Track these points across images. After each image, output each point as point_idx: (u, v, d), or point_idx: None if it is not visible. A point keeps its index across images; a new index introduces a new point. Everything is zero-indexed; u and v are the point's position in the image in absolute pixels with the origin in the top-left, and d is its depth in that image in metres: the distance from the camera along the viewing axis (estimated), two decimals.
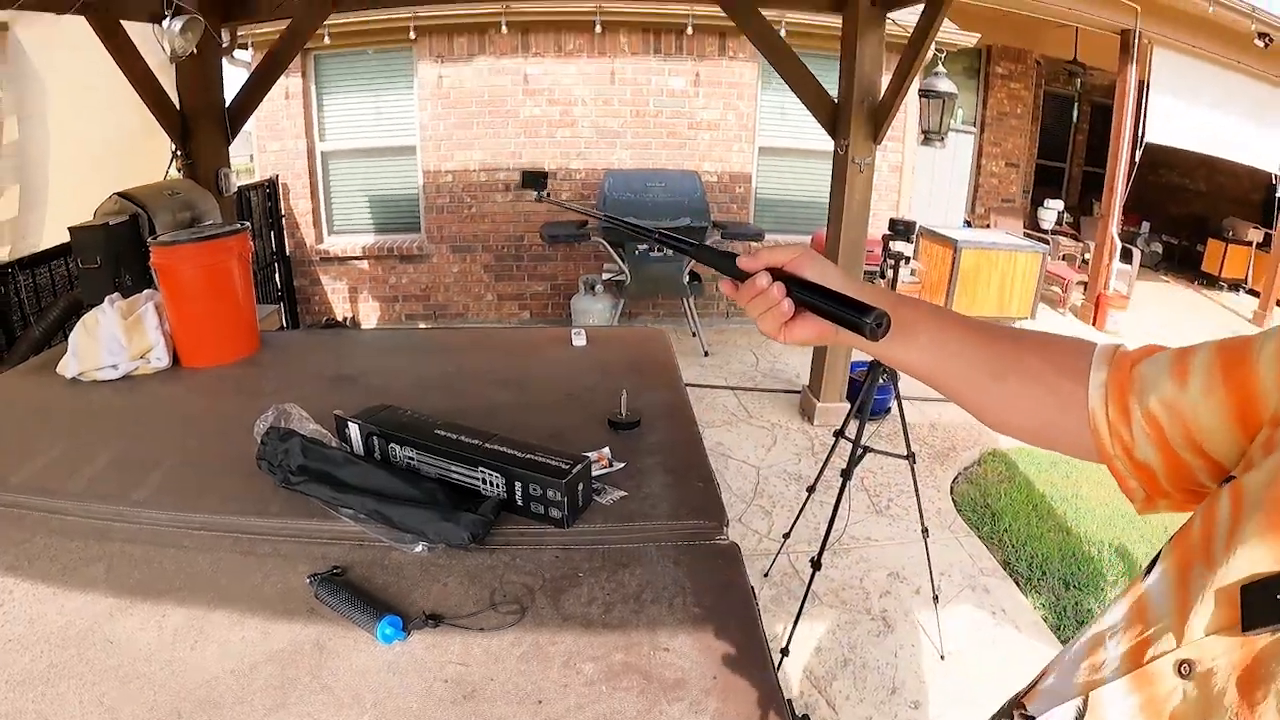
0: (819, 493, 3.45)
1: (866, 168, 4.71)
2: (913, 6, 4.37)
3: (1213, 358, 0.68)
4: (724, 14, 4.76)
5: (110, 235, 3.28)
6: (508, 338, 2.66)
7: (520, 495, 1.39)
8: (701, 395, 5.60)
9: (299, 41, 4.84)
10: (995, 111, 10.66)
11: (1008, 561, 3.79)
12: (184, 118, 4.50)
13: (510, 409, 1.92)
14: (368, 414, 1.58)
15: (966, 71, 10.37)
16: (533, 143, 7.43)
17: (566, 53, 7.25)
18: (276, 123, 7.38)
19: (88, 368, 2.15)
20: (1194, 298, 10.87)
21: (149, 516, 1.45)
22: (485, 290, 7.82)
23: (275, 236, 7.24)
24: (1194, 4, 7.44)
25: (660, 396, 1.98)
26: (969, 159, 10.80)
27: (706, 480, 1.56)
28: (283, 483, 1.46)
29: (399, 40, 7.09)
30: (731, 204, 7.71)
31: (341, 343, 2.88)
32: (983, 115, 10.71)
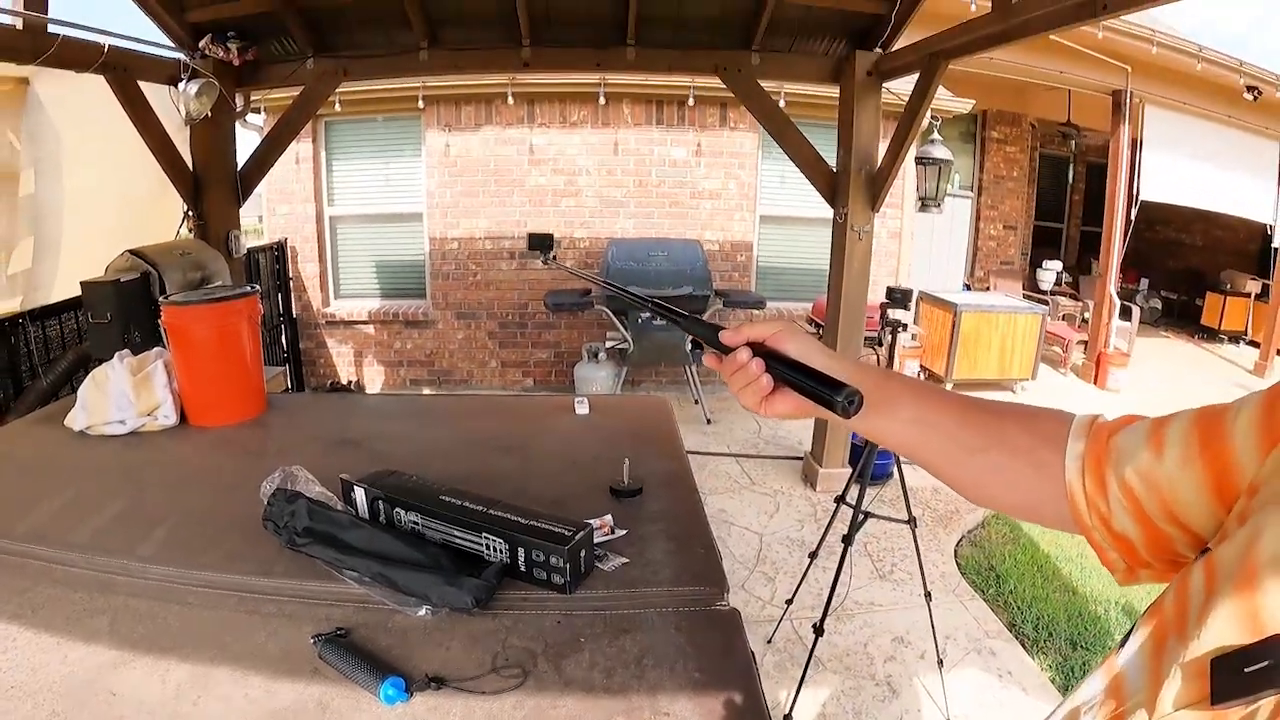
0: (821, 558, 3.44)
1: (865, 235, 4.79)
2: (907, 76, 4.49)
3: (1189, 428, 0.69)
4: (725, 86, 4.89)
5: (121, 292, 3.34)
6: (511, 405, 2.69)
7: (523, 561, 1.40)
8: (704, 462, 5.59)
9: (310, 108, 4.97)
10: (992, 175, 10.84)
11: (1013, 623, 3.75)
12: (196, 179, 4.61)
13: (513, 476, 1.93)
14: (373, 478, 1.60)
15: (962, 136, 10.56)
16: (537, 211, 7.54)
17: (571, 123, 7.40)
18: (287, 186, 7.51)
19: (96, 422, 2.18)
20: (1195, 352, 10.91)
21: (154, 571, 1.46)
22: (489, 357, 7.87)
23: (283, 299, 7.32)
24: (1182, 61, 7.62)
25: (662, 464, 2.00)
26: (967, 223, 10.94)
27: (708, 547, 1.57)
28: (288, 544, 1.48)
29: (408, 109, 7.25)
30: (733, 272, 7.79)
31: (347, 406, 2.91)
32: (979, 179, 10.88)
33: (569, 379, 7.52)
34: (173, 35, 4.41)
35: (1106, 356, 8.29)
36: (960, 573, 4.21)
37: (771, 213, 7.85)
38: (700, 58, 4.84)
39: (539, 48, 4.75)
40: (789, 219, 7.87)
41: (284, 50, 4.79)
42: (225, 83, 4.54)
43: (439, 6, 4.51)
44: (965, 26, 3.68)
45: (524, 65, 4.79)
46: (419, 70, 4.90)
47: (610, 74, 6.69)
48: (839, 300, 4.90)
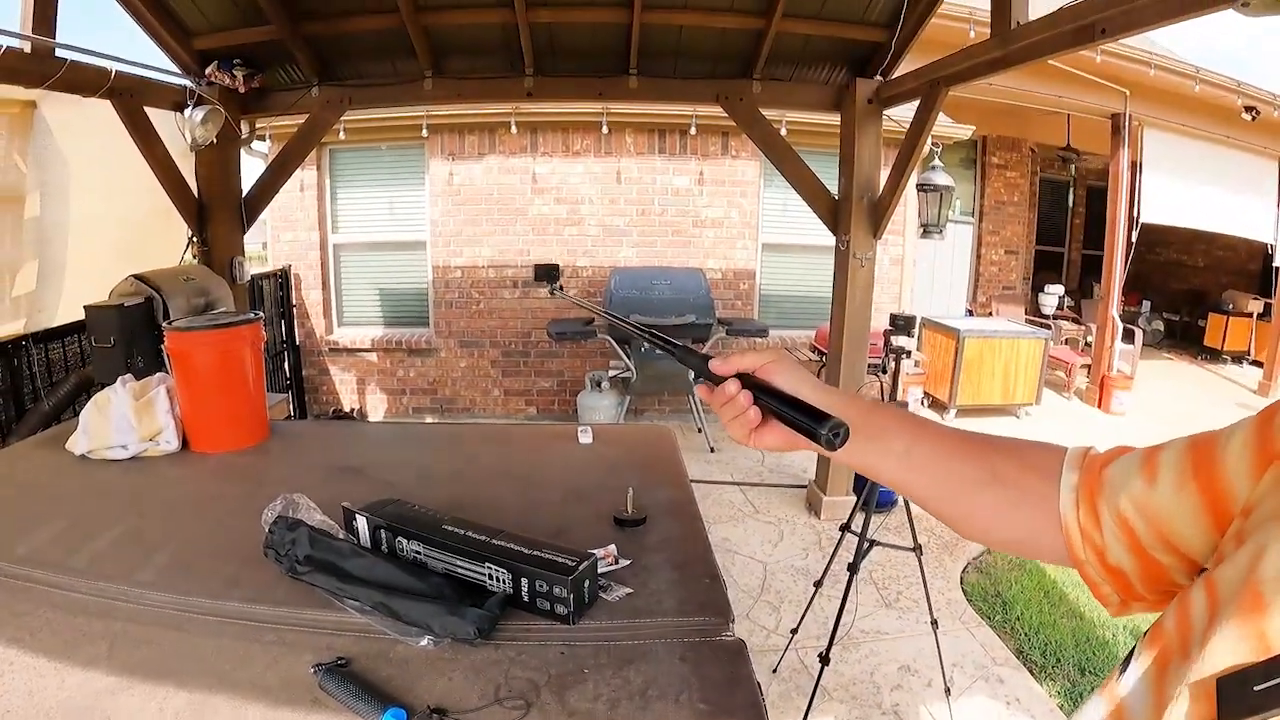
0: (826, 587, 3.42)
1: (868, 262, 4.80)
2: (908, 103, 4.52)
3: (1182, 455, 0.69)
4: (726, 115, 4.93)
5: (125, 316, 3.36)
6: (514, 434, 2.68)
7: (526, 591, 1.38)
8: (708, 491, 5.57)
9: (315, 136, 5.01)
10: (993, 201, 10.89)
11: (1021, 650, 3.72)
12: (201, 205, 4.64)
13: (516, 505, 1.92)
14: (376, 507, 1.59)
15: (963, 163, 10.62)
16: (540, 240, 7.58)
17: (574, 152, 7.46)
18: (291, 214, 7.56)
19: (97, 446, 2.17)
20: (1198, 373, 10.91)
21: (153, 597, 1.44)
22: (492, 386, 7.87)
23: (286, 326, 7.34)
24: (1180, 83, 7.67)
25: (666, 493, 1.98)
26: (969, 248, 10.98)
27: (712, 577, 1.56)
28: (289, 572, 1.47)
29: (412, 137, 7.31)
30: (736, 300, 7.81)
31: (349, 434, 2.90)
32: (981, 205, 10.93)
33: (572, 408, 7.52)
34: (179, 62, 4.46)
35: (1110, 380, 8.28)
36: (967, 599, 4.18)
37: (774, 241, 7.88)
38: (702, 86, 4.88)
39: (542, 77, 4.79)
40: (791, 247, 7.90)
41: (289, 78, 4.84)
42: (231, 110, 4.58)
43: (443, 36, 4.55)
44: (965, 53, 3.71)
45: (527, 94, 4.83)
46: (423, 99, 4.94)
47: (612, 103, 6.74)
48: (842, 328, 4.90)
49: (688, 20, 4.39)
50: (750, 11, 4.33)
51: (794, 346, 7.70)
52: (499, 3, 4.23)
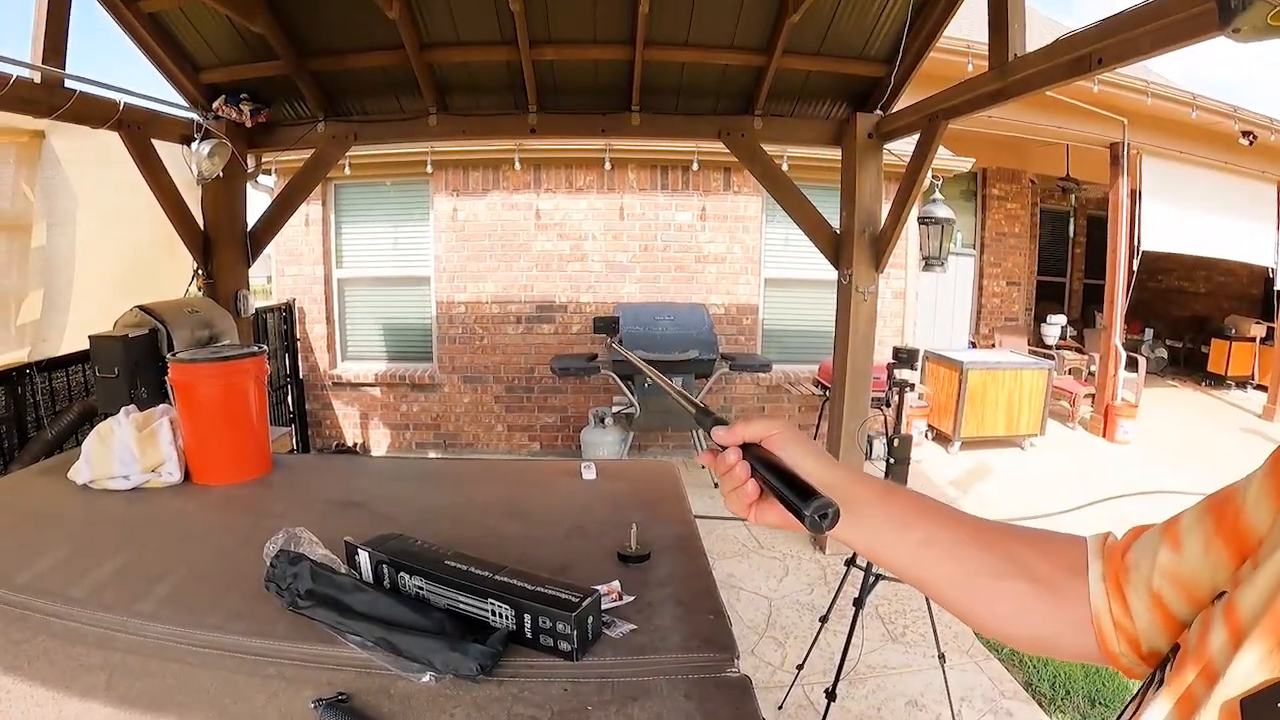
0: (832, 622, 3.38)
1: (870, 296, 4.81)
2: (908, 137, 4.56)
3: (1202, 514, 0.68)
4: (728, 150, 4.97)
5: (129, 347, 3.37)
6: (517, 469, 2.67)
7: (529, 627, 1.37)
8: (712, 527, 5.53)
9: (321, 171, 5.05)
10: (994, 232, 10.94)
11: (1030, 682, 3.67)
12: (207, 238, 4.68)
13: (520, 541, 1.91)
14: (378, 542, 1.58)
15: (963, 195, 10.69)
16: (544, 276, 7.61)
17: (577, 188, 7.51)
18: (296, 248, 7.60)
19: (99, 476, 2.17)
20: (1203, 399, 10.90)
21: (153, 629, 1.44)
22: (496, 421, 7.85)
23: (289, 359, 7.35)
24: (1178, 111, 7.74)
25: (670, 529, 1.98)
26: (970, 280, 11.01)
27: (717, 613, 1.55)
28: (290, 606, 1.46)
29: (416, 173, 7.36)
30: (739, 335, 7.81)
31: (352, 468, 2.90)
32: (982, 237, 10.98)
33: (575, 443, 7.50)
34: (187, 95, 4.51)
35: (1114, 408, 8.27)
36: (974, 632, 4.13)
37: (776, 275, 7.90)
38: (704, 123, 4.92)
39: (545, 114, 4.84)
40: (793, 281, 7.92)
41: (296, 113, 4.89)
42: (237, 143, 4.63)
43: (448, 73, 4.61)
44: (964, 86, 3.74)
45: (530, 131, 4.88)
46: (428, 135, 4.99)
47: (615, 139, 6.80)
48: (845, 361, 4.91)
49: (689, 57, 4.44)
50: (751, 48, 4.38)
51: (797, 381, 7.69)
52: (503, 40, 4.28)
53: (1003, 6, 3.33)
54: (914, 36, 4.24)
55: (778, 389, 7.80)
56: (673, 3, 4.05)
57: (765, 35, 4.28)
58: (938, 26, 4.15)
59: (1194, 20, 2.30)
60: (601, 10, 4.13)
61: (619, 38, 4.29)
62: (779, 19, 4.10)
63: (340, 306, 7.85)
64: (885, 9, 4.14)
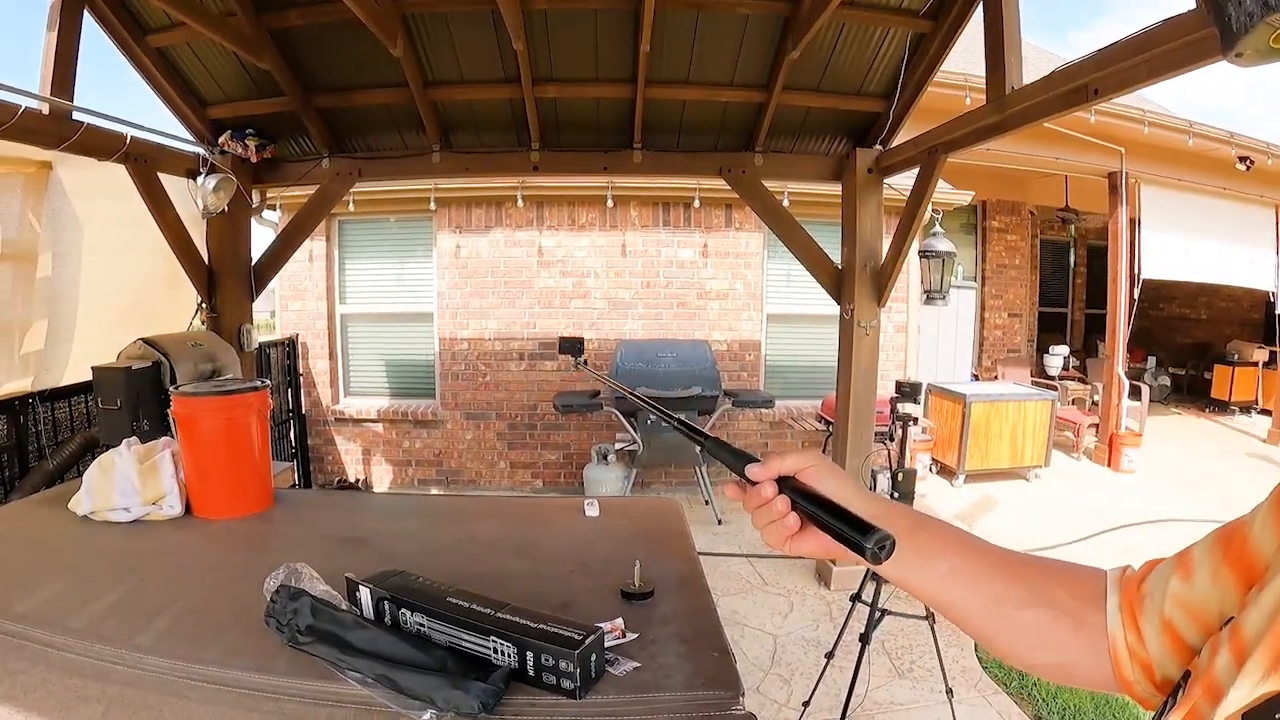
0: (838, 658, 3.35)
1: (872, 330, 4.81)
2: (908, 171, 4.59)
3: (1212, 544, 0.71)
4: (729, 187, 5.00)
5: (132, 379, 3.38)
6: (520, 506, 2.66)
7: (532, 665, 1.35)
8: (715, 564, 5.49)
9: (325, 207, 5.10)
10: (994, 264, 10.97)
11: (1039, 716, 3.62)
12: (211, 272, 4.70)
13: (522, 578, 1.90)
14: (380, 578, 1.57)
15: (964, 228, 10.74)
16: (547, 313, 7.62)
17: (579, 226, 7.55)
18: (299, 283, 7.63)
19: (100, 507, 2.17)
20: (1207, 426, 10.88)
21: (151, 662, 1.42)
22: (498, 458, 7.83)
23: (292, 394, 7.36)
24: (1174, 138, 7.79)
25: (673, 566, 1.96)
26: (972, 313, 11.02)
27: (721, 650, 1.53)
28: (290, 641, 1.44)
29: (420, 210, 7.41)
30: (741, 371, 7.80)
31: (354, 504, 2.88)
32: (983, 269, 11.01)
33: (578, 480, 7.47)
34: (193, 130, 4.56)
35: (1119, 438, 8.24)
36: (982, 667, 4.08)
37: (778, 311, 7.91)
38: (705, 160, 4.96)
39: (548, 151, 4.89)
40: (795, 317, 7.93)
41: (301, 149, 4.94)
42: (242, 179, 4.67)
43: (452, 111, 4.66)
44: (962, 120, 3.77)
45: (533, 168, 4.92)
46: (431, 172, 5.04)
47: (617, 177, 6.85)
48: (848, 396, 4.90)
49: (690, 95, 4.49)
50: (751, 85, 4.43)
51: (800, 416, 7.67)
52: (506, 79, 4.34)
53: (999, 40, 3.37)
54: (912, 71, 4.30)
55: (781, 425, 7.78)
56: (673, 41, 4.10)
57: (765, 72, 4.33)
58: (935, 61, 4.20)
59: (1188, 48, 2.32)
60: (603, 49, 4.18)
61: (621, 76, 4.34)
62: (778, 56, 4.15)
63: (343, 342, 7.87)
64: (883, 45, 4.20)
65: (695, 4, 3.87)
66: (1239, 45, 0.64)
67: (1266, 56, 0.64)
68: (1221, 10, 0.63)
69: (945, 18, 3.96)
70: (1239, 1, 0.61)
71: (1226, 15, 0.63)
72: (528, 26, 3.92)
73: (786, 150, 4.99)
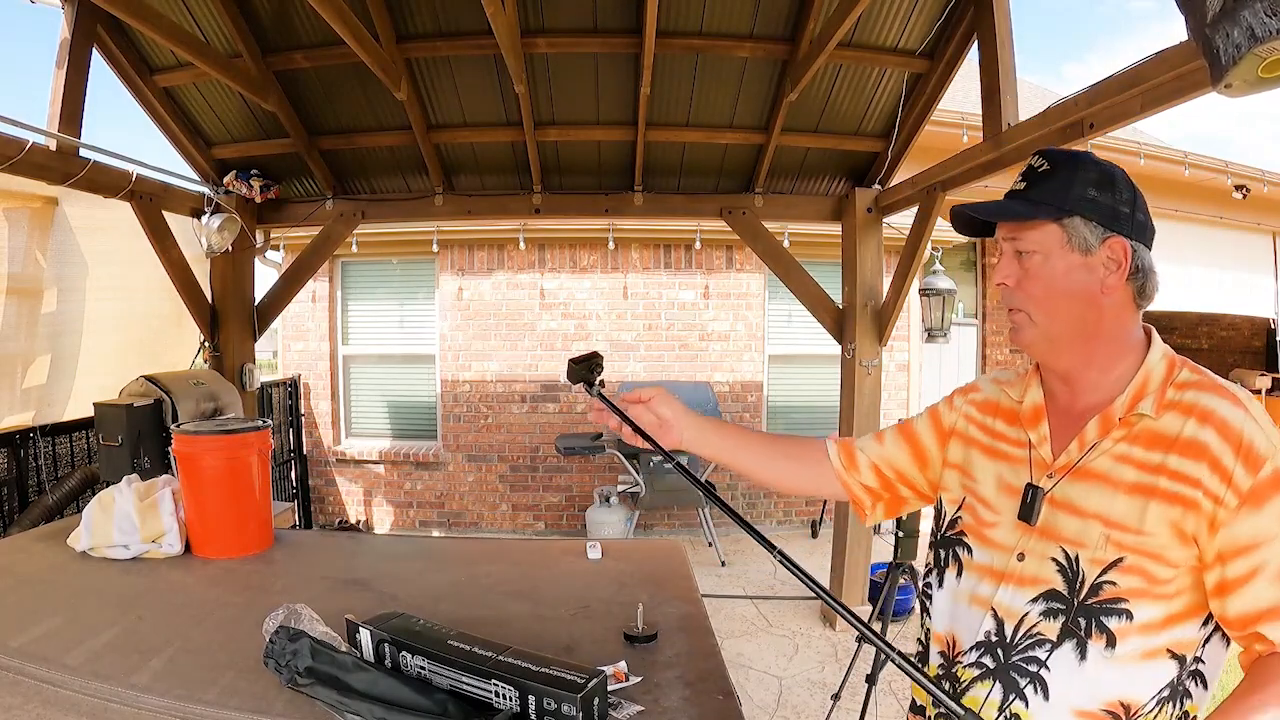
0: (845, 699, 3.30)
1: (874, 369, 4.81)
2: (907, 210, 4.62)
3: (896, 429, 1.50)
4: (730, 228, 5.04)
5: (133, 416, 3.38)
6: (522, 549, 2.64)
7: (534, 709, 1.34)
8: (719, 605, 5.44)
9: (328, 248, 5.13)
10: (995, 301, 10.93)
11: None
12: (214, 310, 4.73)
13: (524, 620, 1.88)
14: (380, 620, 1.55)
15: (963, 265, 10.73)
16: (549, 355, 7.63)
17: (581, 268, 7.58)
18: (302, 323, 7.65)
19: (99, 544, 2.16)
20: None
21: (148, 701, 1.41)
22: (500, 500, 7.79)
23: (294, 434, 7.34)
24: (1170, 169, 7.84)
25: (677, 608, 1.95)
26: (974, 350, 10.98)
27: (726, 693, 1.52)
28: (289, 683, 1.42)
29: (422, 252, 7.46)
30: (744, 412, 7.78)
31: (355, 546, 2.86)
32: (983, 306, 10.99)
33: (580, 523, 7.43)
34: (198, 169, 4.61)
35: None
36: None
37: (780, 351, 7.91)
38: (705, 201, 5.01)
39: (550, 194, 4.94)
40: (797, 357, 7.93)
41: (305, 190, 4.99)
42: (246, 219, 4.72)
43: (454, 154, 4.71)
44: (960, 157, 3.81)
45: (535, 211, 4.97)
46: (434, 215, 5.08)
47: (619, 219, 6.89)
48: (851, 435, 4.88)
49: (690, 138, 4.54)
50: (751, 128, 4.48)
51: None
52: (508, 122, 4.39)
53: (994, 78, 3.42)
54: (909, 111, 4.35)
55: None
56: (673, 84, 4.16)
57: (764, 114, 4.39)
58: (932, 100, 4.25)
59: (1181, 80, 2.35)
60: (604, 92, 4.24)
61: (621, 119, 4.40)
62: (777, 98, 4.21)
63: (345, 383, 7.87)
64: (880, 86, 4.25)
65: (694, 48, 3.93)
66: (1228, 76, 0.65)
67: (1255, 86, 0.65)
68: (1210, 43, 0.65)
69: (941, 57, 4.02)
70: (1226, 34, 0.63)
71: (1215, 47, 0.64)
72: (529, 70, 3.98)
73: (786, 191, 5.04)
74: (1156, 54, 2.37)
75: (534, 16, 3.77)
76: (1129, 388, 1.16)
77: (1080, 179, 1.17)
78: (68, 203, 4.19)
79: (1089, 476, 1.15)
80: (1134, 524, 1.08)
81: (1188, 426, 1.08)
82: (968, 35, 3.78)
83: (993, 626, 1.19)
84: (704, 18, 3.80)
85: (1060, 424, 1.24)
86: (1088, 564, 1.10)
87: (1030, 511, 1.18)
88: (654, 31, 3.55)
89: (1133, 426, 1.14)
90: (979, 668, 1.20)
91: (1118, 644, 1.07)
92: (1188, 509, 1.05)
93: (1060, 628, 1.11)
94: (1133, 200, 1.17)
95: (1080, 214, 1.16)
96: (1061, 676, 1.11)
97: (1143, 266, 1.17)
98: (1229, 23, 1.00)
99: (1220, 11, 1.01)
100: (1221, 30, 0.99)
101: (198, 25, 3.76)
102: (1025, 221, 1.22)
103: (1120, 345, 1.20)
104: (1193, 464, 1.06)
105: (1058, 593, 1.13)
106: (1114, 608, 1.08)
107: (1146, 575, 1.07)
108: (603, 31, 3.87)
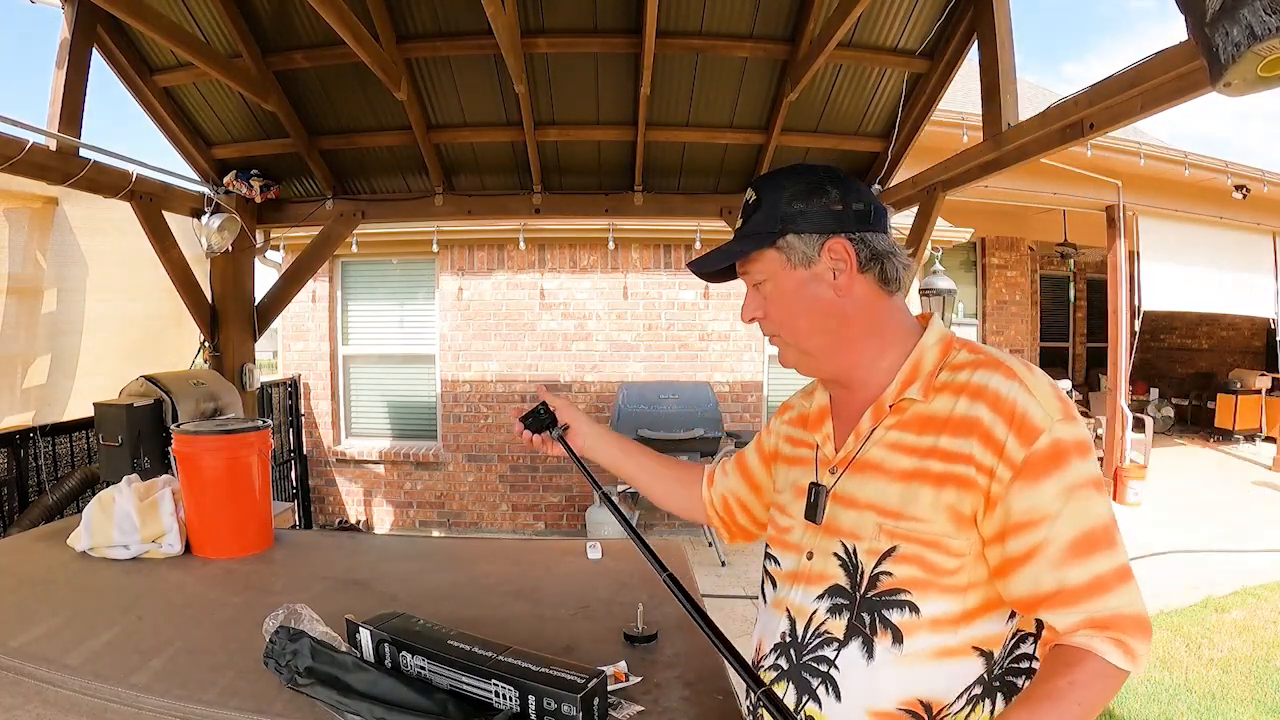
0: None
1: None
2: (907, 209, 4.61)
3: (734, 459, 1.58)
4: (731, 229, 5.01)
5: (133, 416, 3.38)
6: (522, 549, 2.64)
7: (534, 709, 1.34)
8: (719, 605, 5.44)
9: (328, 248, 5.12)
10: (994, 301, 10.97)
11: None
12: (214, 310, 4.71)
13: (524, 620, 1.89)
14: (380, 620, 1.55)
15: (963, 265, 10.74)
16: (549, 356, 7.64)
17: (581, 268, 7.58)
18: (302, 324, 7.66)
19: (99, 544, 2.16)
20: (1212, 455, 10.79)
21: (148, 701, 1.41)
22: (500, 500, 7.79)
23: (294, 434, 7.34)
24: (1170, 169, 7.83)
25: (677, 609, 1.94)
26: None
27: (726, 693, 1.52)
28: (289, 683, 1.42)
29: (422, 252, 7.47)
30: (744, 413, 7.78)
31: (354, 546, 2.86)
32: (983, 306, 11.00)
33: (580, 523, 7.43)
34: (198, 169, 4.60)
35: (1123, 471, 8.17)
36: None
37: None
38: (706, 201, 5.00)
39: (550, 194, 4.92)
40: None
41: (305, 190, 4.98)
42: (246, 219, 4.70)
43: (454, 154, 4.70)
44: (960, 157, 3.80)
45: (535, 211, 4.95)
46: (434, 215, 5.06)
47: (619, 219, 6.89)
48: None
49: (690, 138, 4.53)
50: (751, 128, 4.47)
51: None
52: (508, 122, 4.38)
53: (994, 78, 3.41)
54: (909, 111, 4.34)
55: None
56: (673, 84, 4.15)
57: (764, 114, 4.38)
58: (932, 100, 4.24)
59: (1180, 80, 2.34)
60: (604, 92, 4.23)
61: (621, 119, 4.39)
62: (777, 98, 4.20)
63: (345, 383, 7.87)
64: (880, 86, 4.24)
65: (694, 48, 3.92)
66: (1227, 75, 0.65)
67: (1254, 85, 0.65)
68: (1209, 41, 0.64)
69: (941, 57, 4.01)
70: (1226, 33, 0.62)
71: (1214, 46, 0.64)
72: (529, 70, 3.98)
73: None
74: (1156, 54, 2.37)
75: (534, 16, 3.77)
76: (899, 374, 1.16)
77: (784, 198, 1.17)
78: (68, 203, 4.18)
79: (865, 468, 1.16)
80: (907, 510, 1.07)
81: (959, 405, 1.08)
82: (968, 35, 3.77)
83: (786, 627, 1.19)
84: (704, 18, 3.79)
85: (843, 422, 1.25)
86: (865, 555, 1.10)
87: (815, 510, 1.20)
88: (654, 31, 3.54)
89: (904, 413, 1.14)
90: (775, 670, 1.19)
91: (905, 640, 1.05)
92: (962, 488, 1.04)
93: (846, 625, 1.10)
94: (844, 195, 1.16)
95: (791, 231, 1.16)
96: (851, 675, 1.08)
97: (876, 253, 1.16)
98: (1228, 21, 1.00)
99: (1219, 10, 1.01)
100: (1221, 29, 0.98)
101: (198, 25, 3.76)
102: (746, 257, 1.22)
103: (882, 338, 1.19)
104: (963, 441, 1.05)
105: (841, 588, 1.12)
106: (894, 599, 1.06)
107: (925, 564, 1.05)
108: (603, 31, 3.86)
